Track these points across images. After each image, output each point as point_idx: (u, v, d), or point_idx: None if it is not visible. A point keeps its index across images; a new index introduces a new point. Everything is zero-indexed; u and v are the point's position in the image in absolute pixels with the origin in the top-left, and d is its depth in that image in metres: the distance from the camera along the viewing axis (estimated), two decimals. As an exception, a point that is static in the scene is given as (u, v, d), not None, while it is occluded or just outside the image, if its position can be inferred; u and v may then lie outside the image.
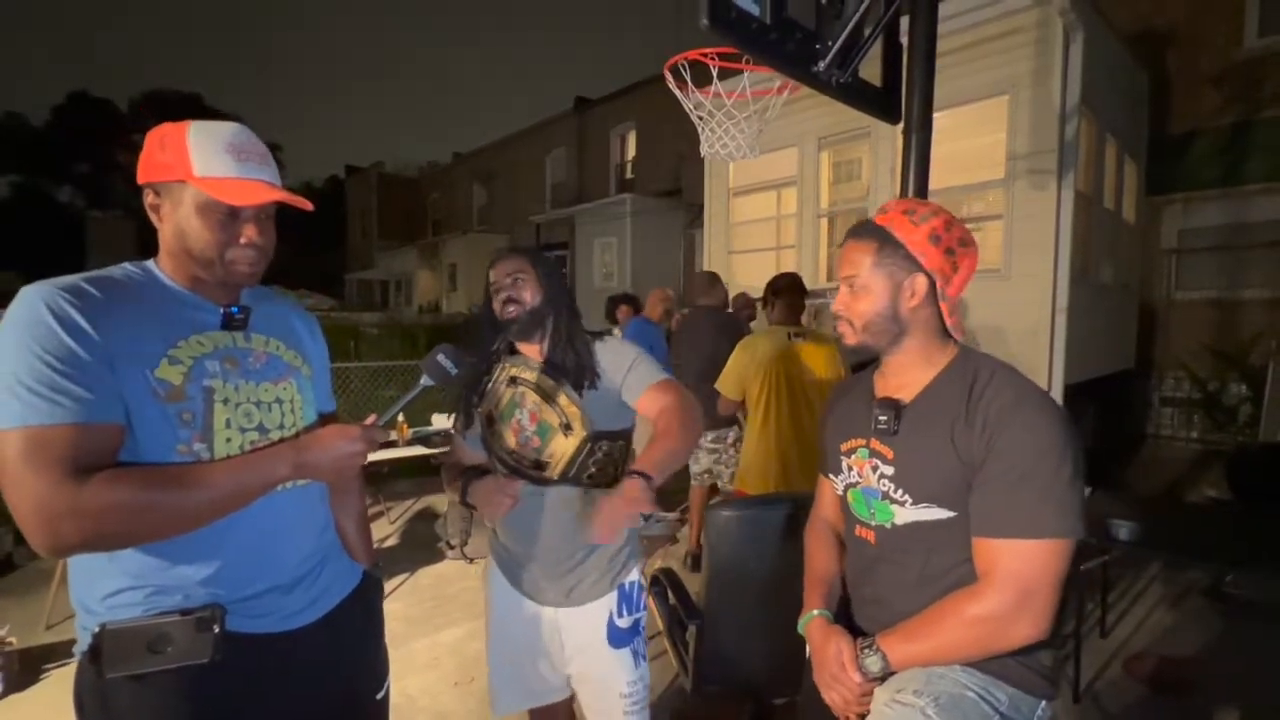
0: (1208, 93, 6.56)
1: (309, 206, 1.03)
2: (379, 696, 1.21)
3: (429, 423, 5.01)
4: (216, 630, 0.92)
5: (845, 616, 1.23)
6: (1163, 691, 2.47)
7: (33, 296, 0.86)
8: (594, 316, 5.53)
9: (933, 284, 1.08)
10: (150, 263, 1.01)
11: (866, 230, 1.12)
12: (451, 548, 3.93)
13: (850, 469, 1.20)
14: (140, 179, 0.97)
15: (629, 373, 1.40)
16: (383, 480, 5.01)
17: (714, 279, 3.85)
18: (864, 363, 1.28)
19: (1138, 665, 2.60)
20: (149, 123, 1.00)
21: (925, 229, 1.08)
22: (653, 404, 1.36)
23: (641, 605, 1.51)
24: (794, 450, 2.69)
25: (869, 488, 1.15)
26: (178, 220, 0.96)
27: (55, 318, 0.84)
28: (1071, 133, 3.90)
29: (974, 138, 4.71)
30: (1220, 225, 6.50)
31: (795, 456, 2.69)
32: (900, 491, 1.09)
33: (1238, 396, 6.00)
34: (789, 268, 4.90)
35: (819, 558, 1.30)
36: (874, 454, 1.14)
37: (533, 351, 1.46)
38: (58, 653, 2.73)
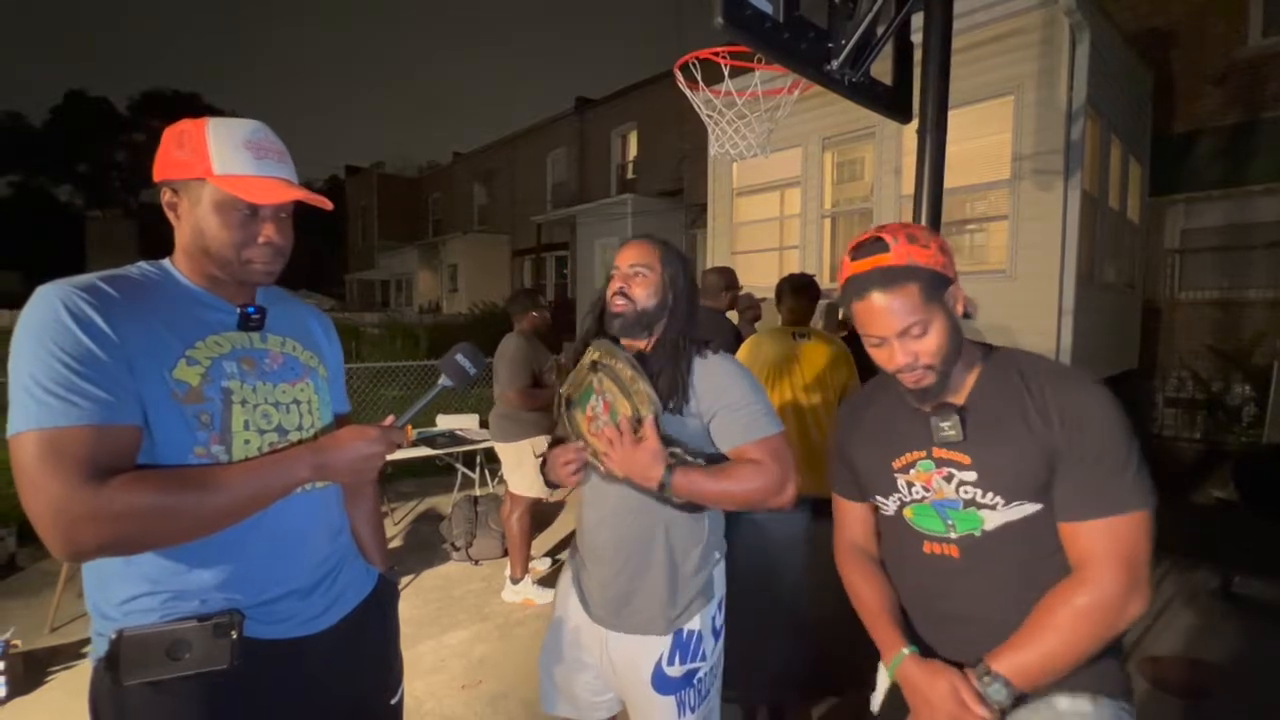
0: (1211, 93, 6.56)
1: (329, 206, 1.01)
2: (394, 701, 1.20)
3: (434, 423, 5.01)
4: (234, 636, 0.90)
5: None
6: (1175, 693, 2.47)
7: (50, 296, 0.84)
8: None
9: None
10: (166, 262, 1.00)
11: (896, 276, 1.02)
12: (456, 549, 3.91)
13: (910, 485, 1.12)
14: (157, 177, 0.96)
15: (725, 413, 1.25)
16: (387, 480, 5.00)
17: (720, 282, 3.64)
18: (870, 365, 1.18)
19: (1151, 667, 2.59)
20: (147, 122, 0.98)
21: (934, 245, 1.05)
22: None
23: (701, 656, 1.32)
24: (799, 452, 2.67)
25: (944, 500, 1.08)
26: (196, 218, 0.94)
27: (72, 317, 0.82)
28: (1077, 133, 3.89)
29: (979, 138, 4.70)
30: (1223, 225, 6.51)
31: (800, 458, 2.67)
32: (990, 495, 1.04)
33: (1241, 397, 5.99)
34: (792, 268, 4.88)
35: (871, 590, 1.19)
36: (944, 463, 1.08)
37: (633, 347, 1.35)
38: (62, 655, 2.71)
